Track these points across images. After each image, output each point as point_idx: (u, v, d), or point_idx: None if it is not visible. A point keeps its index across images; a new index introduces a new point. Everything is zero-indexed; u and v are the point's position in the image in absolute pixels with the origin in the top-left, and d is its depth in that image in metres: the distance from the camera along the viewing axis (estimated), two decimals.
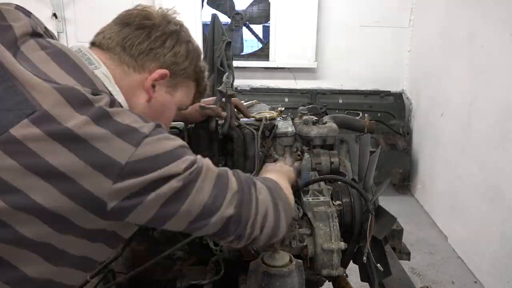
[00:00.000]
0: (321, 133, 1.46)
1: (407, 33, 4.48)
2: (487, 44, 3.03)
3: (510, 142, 2.69)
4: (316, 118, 1.53)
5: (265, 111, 1.56)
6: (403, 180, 4.25)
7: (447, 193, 3.55)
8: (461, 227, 3.29)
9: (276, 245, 1.03)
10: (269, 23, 4.52)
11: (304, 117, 1.52)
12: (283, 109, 1.56)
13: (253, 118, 1.48)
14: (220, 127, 1.36)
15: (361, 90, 4.53)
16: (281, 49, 4.53)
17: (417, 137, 4.33)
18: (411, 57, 4.52)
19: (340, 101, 4.44)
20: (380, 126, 4.28)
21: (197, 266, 1.35)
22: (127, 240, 0.94)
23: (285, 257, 1.02)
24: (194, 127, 1.38)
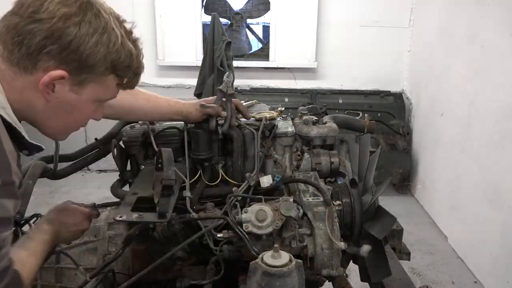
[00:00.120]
0: (321, 133, 1.47)
1: (407, 33, 4.48)
2: (487, 44, 3.03)
3: (510, 142, 2.69)
4: (316, 118, 1.53)
5: (265, 111, 1.56)
6: (403, 180, 4.25)
7: (447, 193, 3.55)
8: (461, 227, 3.29)
9: (276, 245, 1.03)
10: (269, 23, 4.52)
11: (304, 117, 1.52)
12: (283, 109, 1.56)
13: (253, 118, 1.48)
14: (220, 127, 1.36)
15: (361, 90, 4.53)
16: (281, 49, 4.53)
17: (417, 137, 4.33)
18: (411, 57, 4.52)
19: (340, 101, 4.43)
20: (380, 126, 4.28)
21: (197, 266, 1.35)
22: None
23: (285, 257, 1.02)
24: (194, 127, 1.38)
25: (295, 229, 1.23)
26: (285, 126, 1.48)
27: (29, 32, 0.80)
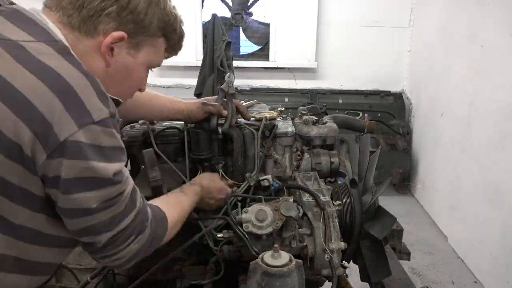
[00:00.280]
0: (321, 133, 1.47)
1: (407, 33, 4.48)
2: (487, 44, 3.03)
3: (510, 142, 2.69)
4: (316, 118, 1.53)
5: (265, 111, 1.55)
6: (403, 180, 4.25)
7: (447, 193, 3.55)
8: (461, 227, 3.29)
9: (276, 245, 1.03)
10: (269, 22, 4.52)
11: (304, 117, 1.52)
12: (283, 109, 1.56)
13: (253, 118, 1.48)
14: (220, 126, 1.36)
15: (361, 90, 4.53)
16: (281, 49, 4.52)
17: (417, 137, 4.33)
18: (411, 57, 4.52)
19: (340, 101, 4.43)
20: (380, 126, 4.28)
21: (197, 266, 1.35)
22: None
23: (285, 257, 1.02)
24: (194, 127, 1.38)
25: (295, 229, 1.23)
26: (285, 126, 1.48)
27: None
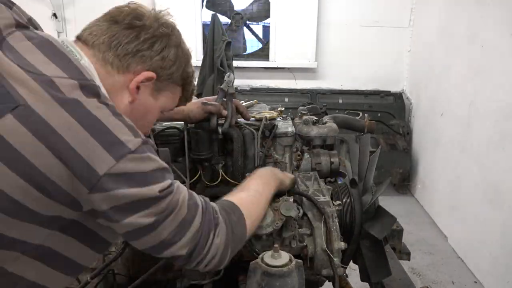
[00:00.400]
0: (321, 133, 1.46)
1: (407, 33, 4.48)
2: (487, 44, 3.03)
3: (510, 142, 2.69)
4: (316, 118, 1.52)
5: (265, 111, 1.55)
6: (403, 180, 4.25)
7: (447, 193, 3.55)
8: (461, 227, 3.29)
9: (276, 245, 1.03)
10: (269, 22, 4.52)
11: (304, 117, 1.52)
12: (283, 109, 1.56)
13: (253, 118, 1.48)
14: (220, 126, 1.36)
15: (361, 90, 4.53)
16: (281, 49, 4.53)
17: (417, 137, 4.33)
18: (411, 57, 4.52)
19: (340, 101, 4.44)
20: (380, 126, 4.28)
21: None
22: (110, 243, 0.95)
23: (285, 257, 1.02)
24: (194, 127, 1.38)
25: (295, 229, 1.23)
26: (285, 126, 1.48)
27: (127, 36, 0.88)
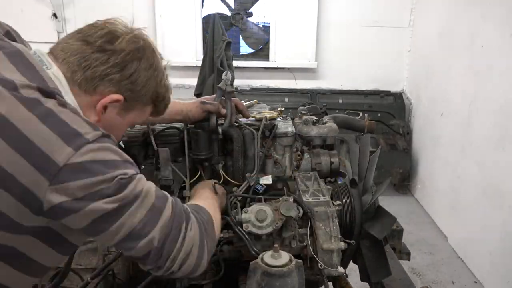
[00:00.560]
0: (321, 133, 1.46)
1: (407, 33, 4.48)
2: (487, 44, 3.03)
3: (510, 142, 2.69)
4: (316, 118, 1.52)
5: (265, 111, 1.55)
6: (403, 180, 4.26)
7: (447, 193, 3.55)
8: (461, 227, 3.29)
9: (276, 245, 1.03)
10: (269, 23, 4.52)
11: (304, 117, 1.52)
12: (283, 109, 1.56)
13: (253, 118, 1.48)
14: (220, 126, 1.37)
15: (361, 90, 4.53)
16: (281, 49, 4.53)
17: (417, 137, 4.33)
18: (411, 57, 4.52)
19: (340, 101, 4.44)
20: (380, 126, 4.28)
21: None
22: (77, 246, 0.94)
23: (285, 257, 1.02)
24: (193, 127, 1.38)
25: (295, 229, 1.23)
26: (285, 126, 1.48)
27: (97, 59, 0.89)
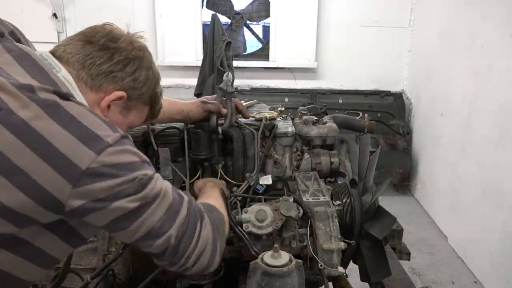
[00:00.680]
0: (321, 133, 1.46)
1: (407, 33, 4.48)
2: (487, 44, 3.03)
3: (510, 142, 2.69)
4: (316, 118, 1.52)
5: (265, 111, 1.56)
6: (403, 180, 4.26)
7: (447, 193, 3.55)
8: (461, 227, 3.29)
9: (276, 245, 1.03)
10: (269, 22, 4.52)
11: (304, 117, 1.52)
12: (283, 109, 1.56)
13: (253, 118, 1.48)
14: (220, 126, 1.37)
15: (361, 90, 4.53)
16: (281, 49, 4.53)
17: (417, 137, 4.33)
18: (411, 57, 4.52)
19: (340, 101, 4.44)
20: (380, 126, 4.28)
21: None
22: (86, 239, 0.95)
23: (285, 257, 1.02)
24: (194, 127, 1.38)
25: (295, 229, 1.23)
26: (285, 126, 1.48)
27: (101, 57, 0.91)
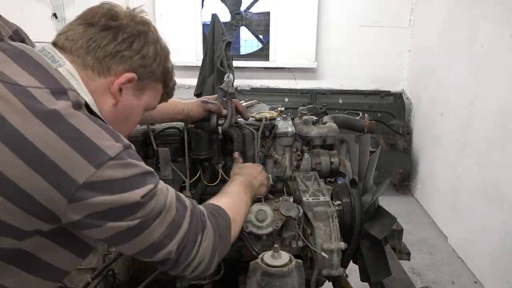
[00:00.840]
0: (321, 133, 1.46)
1: (407, 33, 4.48)
2: (487, 44, 3.03)
3: (510, 142, 2.69)
4: (316, 118, 1.53)
5: (265, 111, 1.56)
6: (403, 180, 4.26)
7: (447, 193, 3.55)
8: (461, 227, 3.29)
9: (276, 245, 1.03)
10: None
11: (304, 117, 1.52)
12: (283, 109, 1.56)
13: (253, 118, 1.48)
14: (220, 126, 1.37)
15: (361, 90, 4.53)
16: (281, 49, 4.53)
17: (417, 137, 4.33)
18: (411, 57, 4.52)
19: (340, 101, 4.44)
20: (380, 126, 4.28)
21: None
22: (92, 248, 0.93)
23: (285, 257, 1.02)
24: (194, 127, 1.38)
25: (295, 229, 1.23)
26: (285, 126, 1.48)
27: (105, 38, 0.86)
